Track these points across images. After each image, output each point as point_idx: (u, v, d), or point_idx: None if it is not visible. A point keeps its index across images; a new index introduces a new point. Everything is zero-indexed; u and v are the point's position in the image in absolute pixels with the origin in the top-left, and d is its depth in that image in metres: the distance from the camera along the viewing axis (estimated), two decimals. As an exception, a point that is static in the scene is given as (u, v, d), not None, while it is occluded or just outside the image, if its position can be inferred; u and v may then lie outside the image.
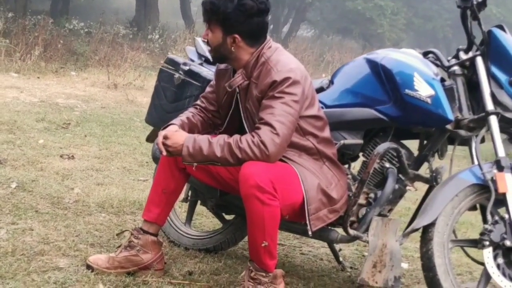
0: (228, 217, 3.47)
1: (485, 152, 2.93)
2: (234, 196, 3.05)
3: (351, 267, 3.45)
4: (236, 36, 2.70)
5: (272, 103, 2.60)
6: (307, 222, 2.65)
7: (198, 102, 2.99)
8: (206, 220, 4.05)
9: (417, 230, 2.77)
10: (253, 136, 2.57)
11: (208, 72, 3.28)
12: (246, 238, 3.45)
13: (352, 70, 3.11)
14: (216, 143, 2.60)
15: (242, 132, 2.79)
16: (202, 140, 2.63)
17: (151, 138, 3.70)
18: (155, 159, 3.36)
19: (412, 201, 4.63)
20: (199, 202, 3.49)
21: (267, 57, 2.70)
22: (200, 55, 3.52)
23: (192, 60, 3.48)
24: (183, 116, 2.90)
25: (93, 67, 11.72)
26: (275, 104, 2.59)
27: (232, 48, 2.72)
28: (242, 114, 2.79)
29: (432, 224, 2.70)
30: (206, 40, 2.77)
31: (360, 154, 3.11)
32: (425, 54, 3.09)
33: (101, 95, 9.20)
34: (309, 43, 19.61)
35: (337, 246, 3.41)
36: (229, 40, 2.71)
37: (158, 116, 3.40)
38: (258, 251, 2.62)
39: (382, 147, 2.85)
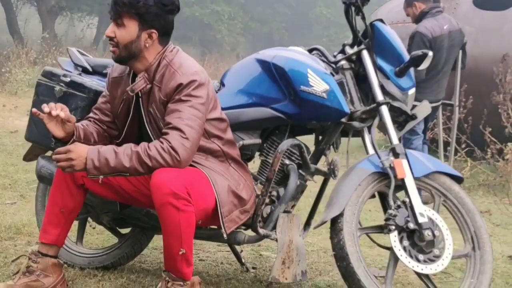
0: (123, 230, 3.34)
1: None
2: (135, 209, 2.95)
3: (253, 268, 3.45)
4: (154, 31, 2.62)
5: (179, 107, 2.53)
6: (221, 225, 2.61)
7: (91, 114, 2.84)
8: (91, 238, 3.86)
9: (325, 222, 2.82)
10: (162, 143, 2.49)
11: (92, 82, 3.12)
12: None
13: (242, 71, 3.11)
14: (123, 153, 2.49)
15: (140, 141, 2.70)
16: (107, 151, 2.50)
17: (29, 156, 3.46)
18: (41, 177, 3.16)
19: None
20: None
21: (170, 60, 2.63)
22: (76, 65, 3.35)
23: (68, 71, 3.30)
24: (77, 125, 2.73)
25: None
26: (182, 108, 2.53)
27: (146, 44, 2.62)
28: (144, 119, 2.70)
29: (341, 215, 2.77)
30: (111, 37, 2.62)
31: (257, 153, 3.13)
32: (310, 51, 3.17)
33: None
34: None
35: (238, 248, 3.40)
36: (144, 36, 2.61)
37: (40, 132, 3.17)
38: (175, 260, 2.54)
39: (285, 144, 2.88)
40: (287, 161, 2.96)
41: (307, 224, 3.24)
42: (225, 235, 2.64)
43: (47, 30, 17.18)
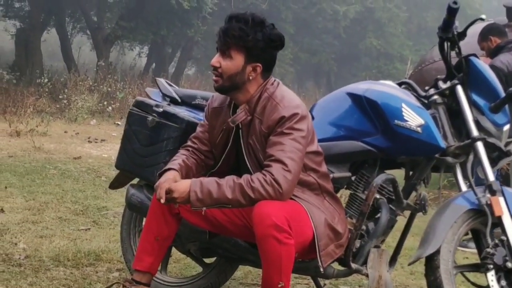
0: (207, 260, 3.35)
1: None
2: (224, 238, 2.97)
3: (335, 302, 3.43)
4: (259, 65, 2.66)
5: (282, 139, 2.55)
6: (318, 258, 2.60)
7: (189, 143, 2.88)
8: (168, 266, 3.88)
9: (421, 259, 2.79)
10: (264, 175, 2.51)
11: (184, 113, 3.16)
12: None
13: (332, 104, 3.13)
14: (225, 185, 2.51)
15: (237, 171, 2.73)
16: (210, 183, 2.54)
17: (115, 184, 3.53)
18: (132, 206, 3.19)
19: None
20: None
21: (271, 93, 2.66)
22: (164, 96, 3.41)
23: (158, 102, 3.35)
24: (178, 159, 2.78)
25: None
26: (284, 140, 2.55)
27: (250, 77, 2.66)
28: (244, 151, 2.73)
29: (437, 252, 2.73)
30: (216, 67, 2.67)
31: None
32: (399, 85, 3.16)
33: (4, 144, 8.68)
34: (201, 80, 19.60)
35: (322, 282, 3.37)
36: (248, 69, 2.66)
37: (131, 160, 3.24)
38: (273, 292, 2.53)
39: (379, 178, 2.87)
40: (377, 195, 2.94)
41: (393, 259, 3.20)
42: (321, 269, 2.62)
43: (103, 59, 17.51)
